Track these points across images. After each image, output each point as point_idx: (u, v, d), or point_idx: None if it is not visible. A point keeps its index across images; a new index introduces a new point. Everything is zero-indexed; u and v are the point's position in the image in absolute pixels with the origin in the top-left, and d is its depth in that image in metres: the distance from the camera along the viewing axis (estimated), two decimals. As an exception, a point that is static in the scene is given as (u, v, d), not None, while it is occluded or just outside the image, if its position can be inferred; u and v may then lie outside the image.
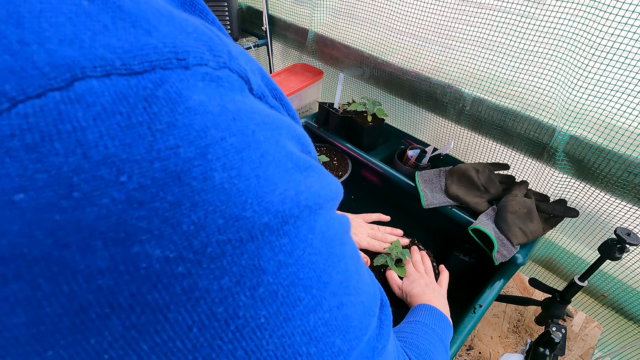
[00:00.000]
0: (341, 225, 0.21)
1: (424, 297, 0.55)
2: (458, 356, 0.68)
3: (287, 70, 1.08)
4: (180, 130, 0.13)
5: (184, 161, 0.13)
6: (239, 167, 0.14)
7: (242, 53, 0.19)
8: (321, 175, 0.19)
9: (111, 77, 0.12)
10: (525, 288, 0.82)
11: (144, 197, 0.12)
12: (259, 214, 0.15)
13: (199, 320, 0.14)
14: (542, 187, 0.75)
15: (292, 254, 0.16)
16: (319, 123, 0.90)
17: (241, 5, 1.25)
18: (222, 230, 0.14)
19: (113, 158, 0.12)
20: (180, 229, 0.13)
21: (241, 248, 0.14)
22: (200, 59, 0.14)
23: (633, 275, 0.69)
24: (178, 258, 0.13)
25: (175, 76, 0.13)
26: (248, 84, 0.17)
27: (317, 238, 0.18)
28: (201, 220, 0.13)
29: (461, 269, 0.73)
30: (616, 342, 0.77)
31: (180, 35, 0.14)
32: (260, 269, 0.15)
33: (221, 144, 0.14)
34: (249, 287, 0.15)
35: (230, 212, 0.14)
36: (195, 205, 0.13)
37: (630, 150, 0.58)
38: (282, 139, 0.17)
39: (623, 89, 0.56)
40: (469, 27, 0.70)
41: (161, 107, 0.13)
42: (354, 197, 0.95)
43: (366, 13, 0.88)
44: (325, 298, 0.18)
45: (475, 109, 0.76)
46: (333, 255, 0.19)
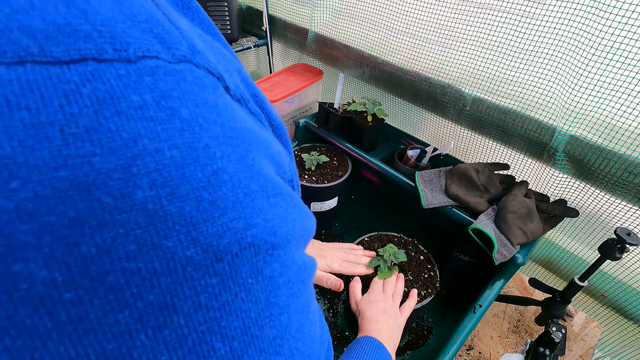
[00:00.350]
0: (299, 272, 0.18)
1: (375, 325, 0.50)
2: (458, 356, 0.68)
3: (287, 70, 1.08)
4: (102, 136, 0.11)
5: (98, 173, 0.11)
6: (174, 186, 0.12)
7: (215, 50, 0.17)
8: (290, 206, 0.17)
9: (25, 64, 0.10)
10: (525, 288, 0.82)
11: (37, 208, 0.11)
12: (183, 245, 0.13)
13: (84, 354, 0.12)
14: (542, 187, 0.75)
15: (218, 297, 0.14)
16: (319, 123, 0.90)
17: (241, 5, 1.25)
18: (131, 257, 0.12)
19: (6, 160, 0.10)
20: (78, 250, 0.11)
21: (152, 280, 0.12)
22: (147, 50, 0.12)
23: (633, 275, 0.69)
24: (69, 282, 0.11)
25: (112, 71, 0.11)
26: (222, 81, 0.15)
27: (258, 284, 0.15)
28: (107, 242, 0.11)
29: (461, 269, 0.73)
30: (616, 342, 0.77)
31: (124, 22, 0.12)
32: (172, 308, 0.13)
33: (155, 156, 0.12)
34: (153, 327, 0.13)
35: (146, 238, 0.12)
36: (103, 226, 0.11)
37: (630, 150, 0.58)
38: (251, 156, 0.15)
39: (623, 89, 0.56)
40: (469, 27, 0.70)
41: (83, 108, 0.11)
42: (354, 197, 0.95)
43: (366, 13, 0.88)
44: (248, 354, 0.15)
45: (475, 109, 0.76)
46: (274, 306, 0.16)
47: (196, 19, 0.20)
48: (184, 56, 0.14)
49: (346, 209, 0.93)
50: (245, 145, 0.15)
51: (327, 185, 0.78)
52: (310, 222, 0.19)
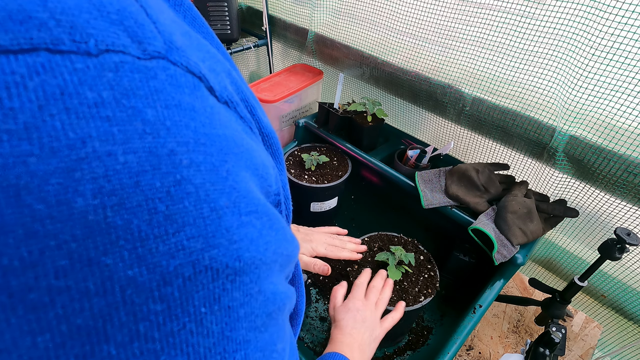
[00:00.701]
0: (265, 304, 0.16)
1: (347, 337, 0.47)
2: (458, 356, 0.68)
3: (287, 70, 1.08)
4: (44, 135, 0.10)
5: (32, 175, 0.10)
6: (124, 196, 0.11)
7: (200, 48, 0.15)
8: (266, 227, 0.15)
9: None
10: (525, 288, 0.82)
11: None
12: (126, 263, 0.11)
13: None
14: (542, 187, 0.75)
15: (162, 326, 0.12)
16: (319, 123, 0.91)
17: (241, 5, 1.25)
18: (61, 274, 0.10)
19: None
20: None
21: (82, 302, 0.11)
22: (112, 44, 0.11)
23: (633, 275, 0.69)
24: None
25: (67, 63, 0.10)
26: (205, 81, 0.14)
27: (214, 314, 0.13)
28: (33, 256, 0.10)
29: (461, 269, 0.73)
30: (616, 342, 0.77)
31: (90, 12, 0.11)
32: (103, 335, 0.11)
33: (105, 160, 0.11)
34: (77, 355, 0.11)
35: (81, 253, 0.11)
36: (31, 236, 0.10)
37: (630, 150, 0.58)
38: (226, 167, 0.13)
39: (623, 89, 0.56)
40: (469, 27, 0.70)
41: (25, 102, 0.10)
42: (354, 197, 0.95)
43: (366, 13, 0.88)
44: None
45: (475, 109, 0.76)
46: (229, 341, 0.14)
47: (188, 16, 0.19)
48: (158, 52, 0.12)
49: (346, 209, 0.93)
50: (221, 155, 0.13)
51: (327, 185, 0.78)
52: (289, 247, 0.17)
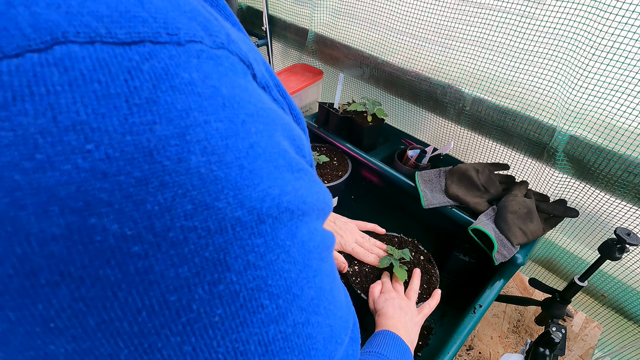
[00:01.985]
0: (323, 240, 0.19)
1: (391, 320, 0.51)
2: (458, 356, 0.68)
3: (287, 70, 1.08)
4: (160, 107, 0.12)
5: (159, 138, 0.12)
6: (221, 154, 0.13)
7: (244, 41, 0.18)
8: (312, 181, 0.19)
9: (95, 44, 0.12)
10: (525, 288, 0.82)
11: (109, 168, 0.12)
12: (232, 207, 0.14)
13: (149, 305, 0.13)
14: (542, 187, 0.75)
15: (264, 256, 0.15)
16: (319, 123, 0.90)
17: (241, 5, 1.25)
18: (189, 216, 0.13)
19: (83, 125, 0.12)
20: (143, 207, 0.12)
21: (207, 239, 0.13)
22: (194, 35, 0.14)
23: (633, 275, 0.69)
24: (136, 237, 0.12)
25: (165, 51, 0.13)
26: (251, 69, 0.16)
27: (295, 246, 0.17)
28: (168, 201, 0.13)
29: (461, 269, 0.73)
30: (616, 342, 0.77)
31: (174, 11, 0.14)
32: (225, 265, 0.14)
33: (204, 127, 0.13)
34: (209, 282, 0.14)
35: (201, 199, 0.13)
36: (164, 186, 0.12)
37: (630, 150, 0.58)
38: (277, 135, 0.16)
39: (623, 89, 0.56)
40: (469, 27, 0.70)
41: (143, 82, 0.12)
42: (354, 197, 0.95)
43: (366, 13, 0.88)
44: (291, 311, 0.17)
45: (475, 109, 0.76)
46: (309, 268, 0.18)
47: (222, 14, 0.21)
48: (222, 43, 0.15)
49: (346, 209, 0.93)
50: (273, 125, 0.16)
51: (327, 185, 0.78)
52: (330, 197, 0.21)
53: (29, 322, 0.12)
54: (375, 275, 0.63)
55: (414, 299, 0.58)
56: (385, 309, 0.53)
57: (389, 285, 0.59)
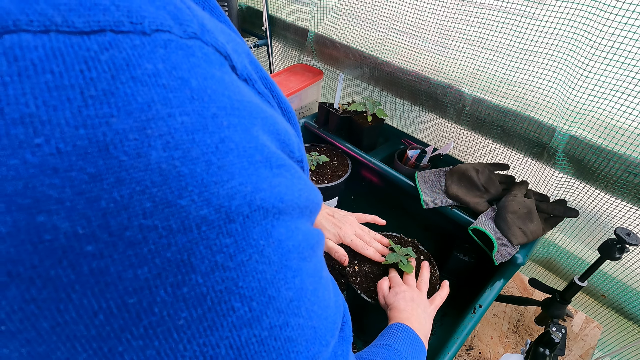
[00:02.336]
0: (306, 239, 0.19)
1: (404, 313, 0.50)
2: (458, 356, 0.68)
3: (287, 70, 1.08)
4: (119, 99, 0.12)
5: (116, 132, 0.12)
6: (186, 149, 0.13)
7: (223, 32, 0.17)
8: (295, 178, 0.18)
9: (50, 33, 0.11)
10: (525, 288, 0.82)
11: (60, 164, 0.11)
12: (197, 205, 0.13)
13: (106, 307, 0.13)
14: (542, 187, 0.75)
15: (234, 257, 0.15)
16: (319, 123, 0.90)
17: (241, 5, 1.25)
18: (148, 214, 0.12)
19: (32, 118, 0.11)
20: (97, 205, 0.12)
21: (169, 238, 0.13)
22: (161, 24, 0.13)
23: (633, 275, 0.69)
24: (90, 236, 0.12)
25: (128, 41, 0.12)
26: (229, 60, 0.16)
27: (270, 246, 0.16)
28: (125, 199, 0.12)
29: (461, 269, 0.73)
30: (616, 342, 0.77)
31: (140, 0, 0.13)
32: (190, 266, 0.13)
33: (167, 120, 0.13)
34: (171, 284, 0.13)
35: (162, 196, 0.13)
36: (121, 182, 0.12)
37: (630, 150, 0.58)
38: (255, 129, 0.16)
39: (623, 89, 0.56)
40: (469, 27, 0.70)
41: (101, 73, 0.12)
42: (354, 197, 0.95)
43: (366, 13, 0.88)
44: (267, 314, 0.16)
45: (475, 109, 0.76)
46: (287, 269, 0.17)
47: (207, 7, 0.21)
48: (194, 33, 0.14)
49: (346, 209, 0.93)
50: (250, 119, 0.16)
51: (327, 185, 0.78)
52: (317, 195, 0.20)
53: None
54: (375, 276, 0.63)
55: (425, 291, 0.57)
56: (397, 302, 0.52)
57: (398, 278, 0.58)
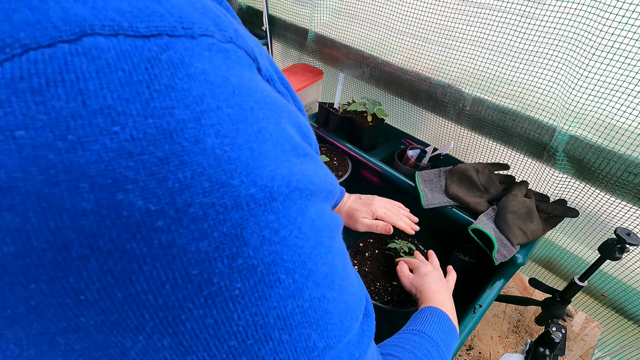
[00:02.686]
0: (332, 220, 0.20)
1: (438, 295, 0.49)
2: (458, 356, 0.68)
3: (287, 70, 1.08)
4: (178, 93, 0.13)
5: (177, 121, 0.13)
6: (233, 137, 0.14)
7: (250, 36, 0.19)
8: (318, 165, 0.19)
9: (118, 36, 0.13)
10: (525, 288, 0.82)
11: (134, 148, 0.13)
12: (246, 184, 0.15)
13: (172, 278, 0.14)
14: (542, 187, 0.75)
15: (277, 232, 0.16)
16: (319, 123, 0.90)
17: (241, 5, 1.25)
18: (207, 193, 0.14)
19: (110, 109, 0.13)
20: (165, 185, 0.13)
21: (224, 214, 0.14)
22: (206, 29, 0.15)
23: (633, 275, 0.69)
24: (159, 212, 0.13)
25: (180, 44, 0.14)
26: (256, 62, 0.18)
27: (305, 223, 0.17)
28: (187, 179, 0.13)
29: (461, 269, 0.73)
30: (616, 342, 0.77)
31: (187, 8, 0.15)
32: (242, 240, 0.15)
33: (217, 112, 0.14)
34: (228, 256, 0.15)
35: (217, 177, 0.14)
36: (184, 165, 0.13)
37: (630, 150, 0.58)
38: (283, 121, 0.17)
39: (623, 89, 0.56)
40: (469, 27, 0.70)
41: (162, 70, 0.13)
42: (354, 197, 0.95)
43: (366, 13, 0.88)
44: (307, 286, 0.17)
45: (475, 109, 0.76)
46: (321, 245, 0.18)
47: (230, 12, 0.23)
48: (231, 38, 0.16)
49: (346, 209, 0.93)
50: (279, 112, 0.17)
51: (327, 185, 0.77)
52: (335, 180, 0.22)
53: (61, 294, 0.13)
54: (375, 276, 0.63)
55: (441, 272, 0.58)
56: (428, 283, 0.52)
57: (418, 261, 0.59)
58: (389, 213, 0.65)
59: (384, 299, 0.60)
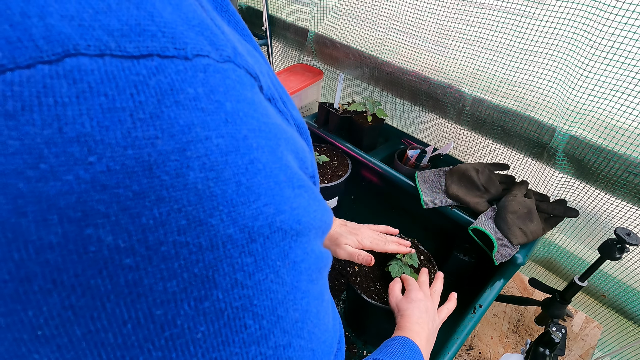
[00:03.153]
0: (316, 261, 0.19)
1: (416, 326, 0.48)
2: (458, 356, 0.68)
3: (287, 70, 1.08)
4: (163, 122, 0.13)
5: (159, 153, 0.13)
6: (219, 170, 0.14)
7: (250, 53, 0.18)
8: (312, 199, 0.19)
9: (104, 57, 0.12)
10: (525, 288, 0.82)
11: (109, 181, 0.12)
12: (225, 224, 0.14)
13: (135, 317, 0.13)
14: (542, 187, 0.75)
15: (252, 276, 0.15)
16: (319, 123, 0.90)
17: (241, 5, 1.25)
18: (182, 231, 0.13)
19: (87, 137, 0.12)
20: (139, 221, 0.13)
21: (198, 255, 0.14)
22: (201, 49, 0.14)
23: (633, 275, 0.69)
24: (129, 249, 0.13)
25: (172, 66, 0.13)
26: (258, 81, 0.17)
27: (285, 267, 0.17)
28: (163, 216, 0.13)
29: (461, 269, 0.73)
30: (616, 342, 0.77)
31: (182, 25, 0.14)
32: (213, 282, 0.14)
33: (205, 143, 0.13)
34: (195, 298, 0.14)
35: (195, 215, 0.13)
36: (160, 200, 0.13)
37: (630, 150, 0.58)
38: (280, 149, 0.17)
39: (623, 89, 0.56)
40: (469, 27, 0.70)
41: (149, 97, 0.13)
42: (354, 197, 0.95)
43: (366, 13, 0.88)
44: (274, 333, 0.17)
45: (475, 109, 0.76)
46: (297, 290, 0.18)
47: (232, 21, 0.22)
48: (229, 57, 0.15)
49: (346, 209, 0.93)
50: (275, 140, 0.16)
51: (327, 185, 0.78)
52: (329, 216, 0.21)
53: (18, 328, 0.13)
54: (375, 276, 0.63)
55: (437, 301, 0.56)
56: (411, 310, 0.51)
57: (415, 284, 0.56)
58: (376, 241, 0.63)
59: (384, 298, 0.60)
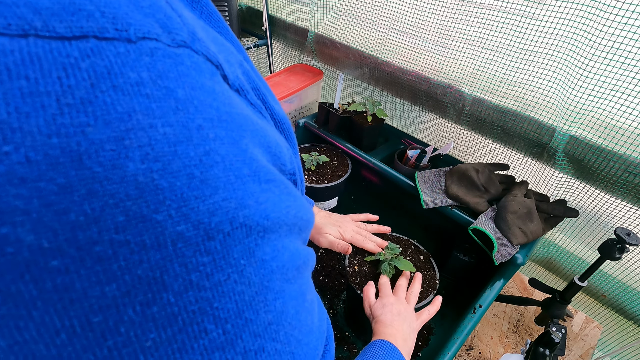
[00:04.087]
0: (292, 259, 0.18)
1: (389, 329, 0.48)
2: (458, 356, 0.68)
3: (287, 70, 1.08)
4: (97, 108, 0.11)
5: (91, 142, 0.11)
6: (166, 162, 0.12)
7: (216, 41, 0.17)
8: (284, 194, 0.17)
9: (28, 37, 0.11)
10: (525, 288, 0.82)
11: (28, 173, 0.11)
12: (174, 220, 0.13)
13: (69, 326, 0.12)
14: (542, 187, 0.75)
15: (211, 277, 0.14)
16: (319, 123, 0.90)
17: (241, 5, 1.25)
18: (120, 228, 0.12)
19: (2, 125, 0.10)
20: (66, 218, 0.11)
21: (141, 254, 0.12)
22: (147, 32, 0.13)
23: (633, 275, 0.69)
24: (55, 250, 0.11)
25: (111, 48, 0.12)
26: (221, 70, 0.15)
27: (251, 266, 0.15)
28: (95, 212, 0.11)
29: (461, 269, 0.73)
30: (616, 342, 0.77)
31: (128, 6, 0.13)
32: (162, 285, 0.13)
33: (148, 131, 0.12)
34: (141, 302, 0.13)
35: (136, 210, 0.12)
36: (93, 195, 0.11)
37: (630, 150, 0.58)
38: (244, 141, 0.15)
39: (623, 89, 0.56)
40: (469, 27, 0.70)
41: (80, 81, 0.11)
42: (353, 197, 0.95)
43: (366, 13, 0.88)
44: (242, 338, 0.15)
45: (475, 109, 0.76)
46: (268, 290, 0.16)
47: (205, 12, 0.20)
48: (184, 41, 0.14)
49: (346, 209, 0.93)
50: (239, 131, 0.15)
51: (327, 185, 0.78)
52: (306, 213, 0.19)
53: None
54: (375, 276, 0.63)
55: (413, 304, 0.56)
56: (383, 315, 0.51)
57: (387, 289, 0.56)
58: (357, 237, 0.64)
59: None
